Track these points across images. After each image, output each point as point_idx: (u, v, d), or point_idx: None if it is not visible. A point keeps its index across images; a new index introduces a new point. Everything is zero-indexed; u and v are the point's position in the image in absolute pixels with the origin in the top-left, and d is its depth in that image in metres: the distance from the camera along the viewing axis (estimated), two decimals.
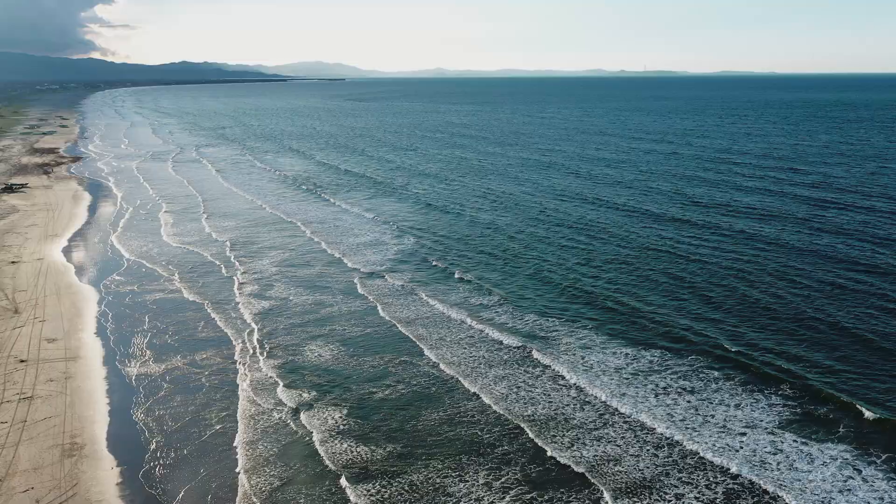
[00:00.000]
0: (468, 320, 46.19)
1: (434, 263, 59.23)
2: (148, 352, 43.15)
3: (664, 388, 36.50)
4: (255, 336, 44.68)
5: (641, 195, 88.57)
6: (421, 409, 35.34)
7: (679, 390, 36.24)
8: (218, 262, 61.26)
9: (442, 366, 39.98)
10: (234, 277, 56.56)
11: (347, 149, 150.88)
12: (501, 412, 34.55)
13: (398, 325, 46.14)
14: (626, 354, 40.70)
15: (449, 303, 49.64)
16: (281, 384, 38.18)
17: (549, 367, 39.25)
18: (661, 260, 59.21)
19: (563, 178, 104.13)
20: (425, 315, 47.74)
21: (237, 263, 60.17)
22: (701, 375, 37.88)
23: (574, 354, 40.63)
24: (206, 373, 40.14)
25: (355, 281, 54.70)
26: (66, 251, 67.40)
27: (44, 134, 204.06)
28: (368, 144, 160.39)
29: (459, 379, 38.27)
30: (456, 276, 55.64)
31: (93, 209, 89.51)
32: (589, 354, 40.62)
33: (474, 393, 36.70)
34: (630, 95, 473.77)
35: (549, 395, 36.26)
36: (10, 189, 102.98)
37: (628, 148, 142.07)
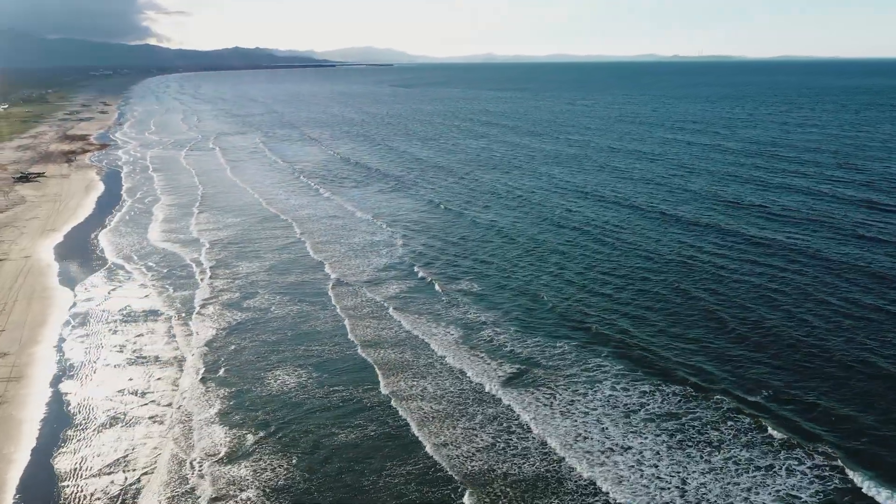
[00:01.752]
0: (441, 349, 40.15)
1: (421, 275, 53.27)
2: (99, 373, 39.12)
3: (679, 442, 30.43)
4: (210, 359, 39.93)
5: (673, 196, 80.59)
6: (377, 463, 29.82)
7: (697, 444, 30.17)
8: (195, 267, 56.97)
9: (401, 411, 34.08)
10: (209, 284, 52.31)
11: (368, 139, 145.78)
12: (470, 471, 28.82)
13: (365, 353, 40.43)
14: (627, 403, 34.20)
15: (425, 326, 43.55)
16: (223, 423, 33.29)
17: (537, 417, 33.08)
18: (689, 278, 51.53)
19: (588, 175, 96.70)
20: (398, 339, 41.87)
21: (214, 271, 55.47)
22: (723, 427, 31.46)
23: (567, 395, 34.35)
24: (150, 402, 35.84)
25: (330, 294, 49.35)
26: (57, 248, 64.61)
27: (81, 120, 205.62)
28: (392, 134, 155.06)
29: (412, 427, 32.39)
30: (438, 289, 49.64)
31: (99, 201, 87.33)
32: (589, 395, 34.26)
33: (426, 450, 30.79)
34: (681, 81, 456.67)
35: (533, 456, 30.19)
36: (26, 178, 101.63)
37: (668, 139, 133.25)
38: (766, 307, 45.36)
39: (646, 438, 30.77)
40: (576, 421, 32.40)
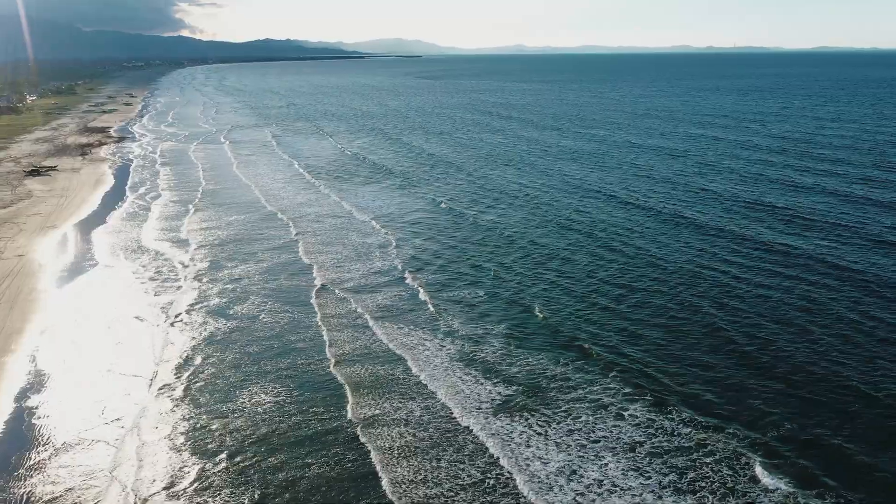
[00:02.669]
0: (420, 368, 36.78)
1: (409, 282, 49.93)
2: (67, 388, 36.67)
3: (690, 483, 26.97)
4: (179, 375, 37.00)
5: (692, 197, 75.90)
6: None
7: (710, 485, 26.76)
8: (181, 271, 54.42)
9: (367, 443, 30.85)
10: (193, 290, 49.84)
11: (381, 134, 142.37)
12: None
13: (338, 371, 37.19)
14: (631, 434, 30.52)
15: (406, 340, 40.21)
16: (173, 449, 30.43)
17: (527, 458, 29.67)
18: (705, 292, 47.22)
19: (605, 173, 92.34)
20: (375, 355, 38.64)
21: (200, 275, 52.74)
22: (736, 466, 27.68)
23: (563, 426, 30.83)
24: (112, 421, 33.42)
25: (313, 303, 46.36)
26: (52, 247, 62.99)
27: (104, 112, 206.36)
28: (407, 128, 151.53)
29: (374, 464, 29.11)
30: (425, 298, 46.20)
31: (104, 197, 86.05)
32: (587, 424, 30.71)
33: (384, 490, 27.59)
34: (713, 73, 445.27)
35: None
36: (36, 172, 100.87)
37: (694, 135, 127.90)
38: (789, 331, 40.94)
39: (649, 479, 27.45)
40: (570, 455, 29.17)
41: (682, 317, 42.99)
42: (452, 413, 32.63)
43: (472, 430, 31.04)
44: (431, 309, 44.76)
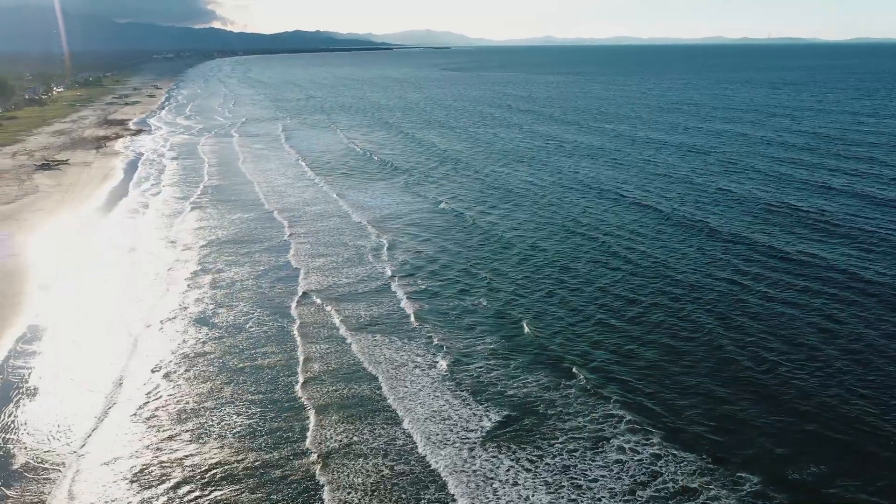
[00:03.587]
0: (392, 390, 33.59)
1: (395, 291, 46.74)
2: (30, 406, 34.59)
3: None
4: (137, 400, 34.31)
5: (709, 200, 71.27)
6: None
7: None
8: (164, 275, 51.93)
9: (327, 487, 27.89)
10: (172, 297, 47.45)
11: (394, 129, 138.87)
12: None
13: (305, 393, 34.22)
14: (633, 473, 27.26)
15: (382, 357, 37.12)
16: (103, 495, 27.72)
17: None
18: (711, 309, 43.37)
19: (620, 172, 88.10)
20: (348, 374, 35.52)
21: (181, 282, 50.19)
22: None
23: (556, 461, 27.62)
24: (60, 446, 30.62)
25: (293, 314, 43.48)
26: (46, 247, 61.49)
27: (127, 104, 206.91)
28: (421, 123, 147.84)
29: None
30: (408, 310, 42.92)
31: (109, 192, 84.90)
32: (583, 459, 27.48)
33: None
34: (746, 65, 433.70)
35: None
36: (47, 166, 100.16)
37: (721, 131, 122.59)
38: (810, 361, 36.81)
39: None
40: (561, 496, 26.27)
41: (688, 334, 39.27)
42: (420, 447, 29.51)
43: (440, 472, 27.85)
44: (414, 322, 41.64)
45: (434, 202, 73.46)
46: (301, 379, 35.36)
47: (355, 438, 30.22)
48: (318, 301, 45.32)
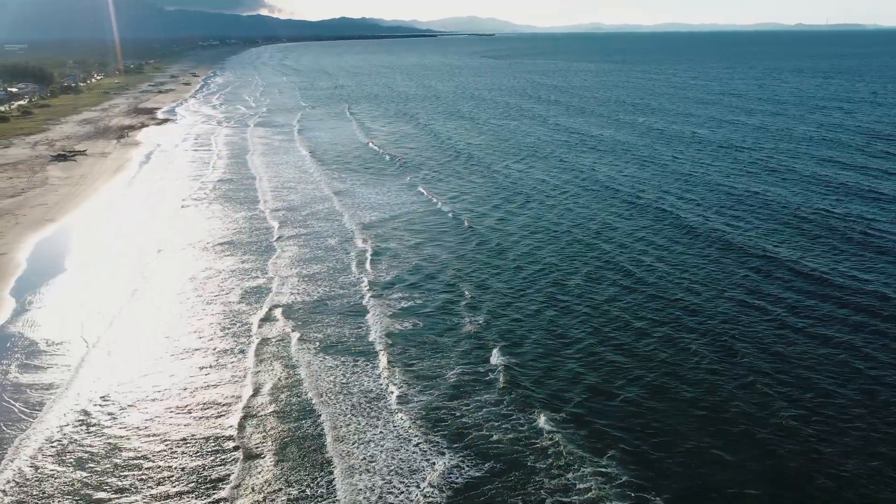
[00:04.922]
0: (332, 438, 29.77)
1: (371, 308, 42.73)
2: None
3: None
4: (66, 432, 31.52)
5: (733, 205, 65.24)
6: None
7: None
8: (140, 284, 49.05)
9: None
10: (139, 311, 44.39)
11: (414, 121, 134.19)
12: None
13: (239, 434, 30.78)
14: None
15: (335, 392, 33.23)
16: None
17: None
18: (713, 340, 38.45)
19: (640, 170, 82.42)
20: (296, 411, 31.99)
21: (147, 294, 47.12)
22: None
23: None
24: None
25: (253, 331, 39.94)
26: (38, 245, 59.58)
27: (160, 92, 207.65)
28: (444, 115, 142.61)
29: None
30: (376, 334, 38.95)
31: (117, 186, 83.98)
32: None
33: None
34: (800, 52, 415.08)
35: None
36: (62, 157, 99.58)
37: (763, 125, 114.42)
38: (824, 412, 32.00)
39: None
40: None
41: (680, 372, 34.40)
42: None
43: None
44: (378, 347, 37.54)
45: (434, 203, 69.17)
46: (240, 413, 31.73)
47: (283, 493, 26.56)
48: (281, 319, 41.49)
